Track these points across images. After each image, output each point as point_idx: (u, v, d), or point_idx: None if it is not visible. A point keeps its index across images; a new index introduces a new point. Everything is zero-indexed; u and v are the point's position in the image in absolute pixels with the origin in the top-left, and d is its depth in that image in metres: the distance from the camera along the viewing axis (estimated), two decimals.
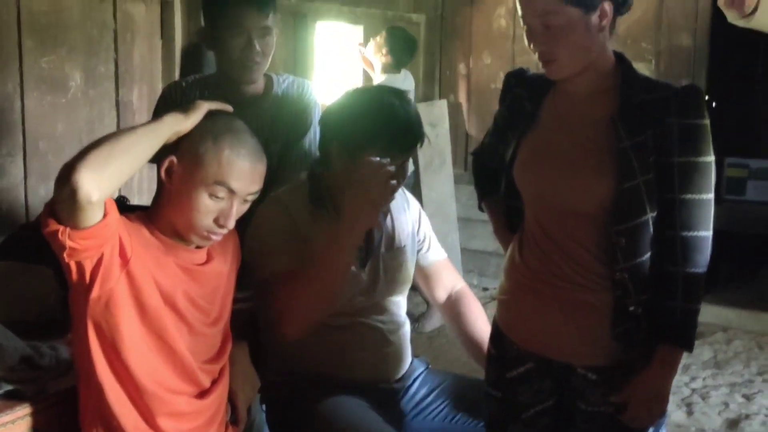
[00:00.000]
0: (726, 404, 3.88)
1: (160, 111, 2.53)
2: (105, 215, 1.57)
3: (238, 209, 1.80)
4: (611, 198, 1.80)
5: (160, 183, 1.78)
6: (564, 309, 1.90)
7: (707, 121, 1.81)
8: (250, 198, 1.82)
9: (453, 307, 2.39)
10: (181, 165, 1.73)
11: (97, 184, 1.51)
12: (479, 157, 2.27)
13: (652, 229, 1.83)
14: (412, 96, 5.02)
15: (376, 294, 2.17)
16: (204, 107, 1.77)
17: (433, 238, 2.38)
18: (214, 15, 2.38)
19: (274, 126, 2.43)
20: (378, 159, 1.91)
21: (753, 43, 5.17)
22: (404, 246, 2.24)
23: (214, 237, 1.80)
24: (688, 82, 4.82)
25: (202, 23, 2.51)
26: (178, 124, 1.72)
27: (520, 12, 1.85)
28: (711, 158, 1.82)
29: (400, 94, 2.12)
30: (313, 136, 2.48)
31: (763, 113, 5.45)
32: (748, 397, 3.95)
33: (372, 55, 4.87)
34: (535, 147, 1.93)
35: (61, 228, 1.53)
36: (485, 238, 5.69)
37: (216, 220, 1.77)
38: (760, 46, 5.29)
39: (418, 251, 2.32)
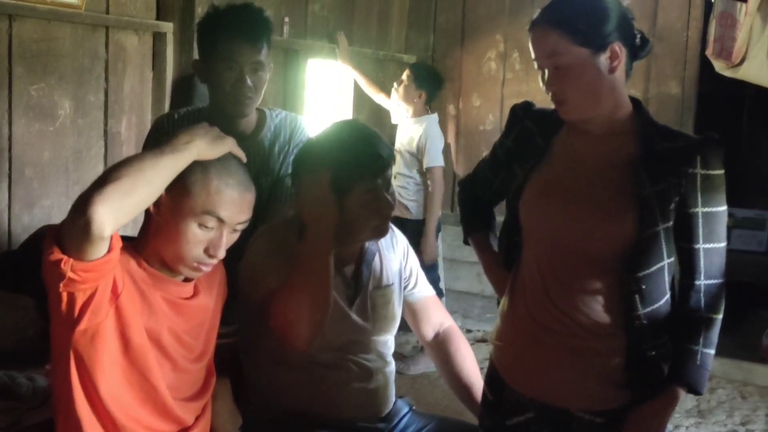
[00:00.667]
0: None
1: (151, 142, 2.52)
2: (110, 249, 1.55)
3: (228, 239, 1.78)
4: (630, 244, 1.80)
5: (147, 214, 1.76)
6: (570, 356, 1.88)
7: (724, 171, 1.84)
8: (239, 227, 1.80)
9: (441, 346, 2.36)
10: (169, 196, 1.71)
11: (113, 219, 1.48)
12: (469, 188, 2.24)
13: (667, 275, 1.84)
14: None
15: (364, 333, 2.14)
16: (228, 146, 1.76)
17: (421, 274, 2.36)
18: (207, 48, 2.39)
19: (266, 160, 2.43)
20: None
21: (740, 93, 5.23)
22: (392, 284, 2.22)
23: (203, 268, 1.77)
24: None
25: (196, 56, 2.51)
26: (202, 155, 1.70)
27: (533, 54, 1.85)
28: (726, 207, 1.86)
29: (348, 128, 2.14)
30: None
31: (749, 163, 5.50)
32: None
33: (402, 102, 4.78)
34: (546, 183, 1.92)
35: (65, 258, 1.50)
36: (470, 280, 5.67)
37: (206, 251, 1.75)
38: (746, 96, 5.35)
39: (405, 287, 2.30)
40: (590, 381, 1.88)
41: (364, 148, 2.03)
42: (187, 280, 1.82)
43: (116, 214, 1.49)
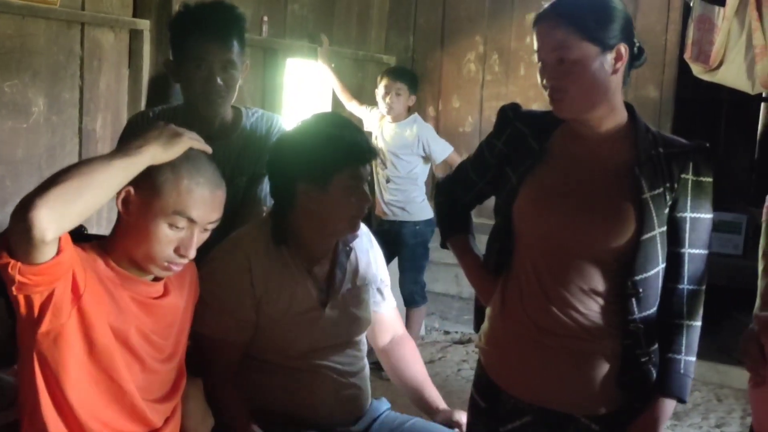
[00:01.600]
0: None
1: (125, 141, 2.49)
2: (59, 251, 1.50)
3: (199, 238, 1.75)
4: (629, 248, 1.81)
5: (119, 213, 1.73)
6: (570, 359, 1.88)
7: (712, 180, 1.87)
8: (210, 227, 1.77)
9: (392, 351, 2.38)
10: (138, 195, 1.67)
11: (55, 224, 1.43)
12: (447, 190, 2.20)
13: (661, 280, 1.86)
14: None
15: (338, 337, 2.12)
16: (186, 144, 1.69)
17: (389, 285, 2.36)
18: (177, 48, 2.35)
19: (241, 159, 2.40)
20: None
21: (717, 97, 5.26)
22: (367, 284, 2.21)
23: (174, 267, 1.75)
24: None
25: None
26: (157, 158, 1.64)
27: (535, 46, 1.84)
28: (712, 215, 1.89)
29: (331, 116, 2.17)
30: None
31: (726, 166, 5.53)
32: None
33: (397, 109, 4.70)
34: (544, 187, 1.90)
35: (12, 262, 1.46)
36: (448, 282, 5.67)
37: (176, 250, 1.72)
38: (723, 100, 5.38)
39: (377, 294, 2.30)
40: (589, 383, 1.88)
41: (350, 135, 2.04)
42: (156, 279, 1.79)
43: (59, 219, 1.44)
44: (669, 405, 1.88)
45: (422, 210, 4.73)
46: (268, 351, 2.07)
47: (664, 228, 1.83)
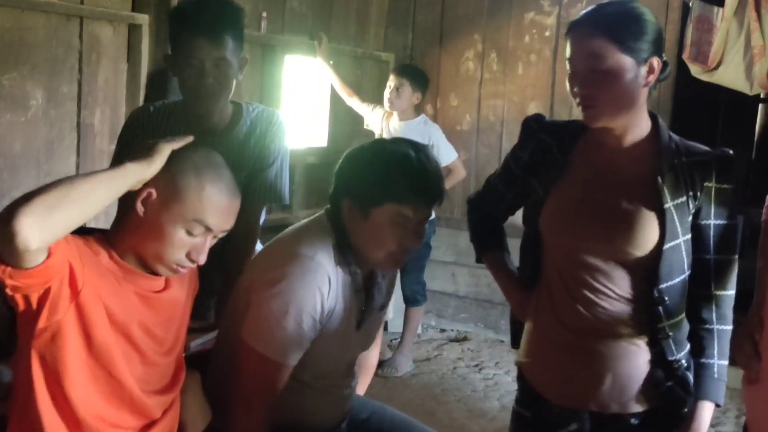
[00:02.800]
0: None
1: (126, 136, 2.49)
2: (49, 255, 1.48)
3: (209, 243, 1.77)
4: (654, 256, 1.83)
5: (125, 208, 1.73)
6: (610, 361, 1.91)
7: (735, 186, 1.89)
8: (222, 234, 1.79)
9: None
10: (159, 197, 1.68)
11: (39, 233, 1.41)
12: (479, 205, 2.22)
13: (686, 288, 1.88)
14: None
15: (354, 355, 2.13)
16: (166, 150, 1.67)
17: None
18: (173, 43, 2.34)
19: (241, 155, 2.39)
20: None
21: (715, 98, 5.27)
22: (387, 304, 2.20)
23: (181, 270, 1.76)
24: None
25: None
26: (142, 173, 1.63)
27: (568, 54, 1.85)
28: (736, 221, 1.91)
29: (418, 145, 1.96)
30: (279, 166, 2.45)
31: None
32: None
33: (400, 108, 4.74)
34: (570, 197, 1.92)
35: (2, 266, 1.45)
36: (444, 279, 5.67)
37: (188, 255, 1.73)
38: (721, 100, 5.39)
39: None
40: (632, 382, 1.91)
41: (418, 173, 1.89)
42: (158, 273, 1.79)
43: (42, 228, 1.41)
44: (708, 409, 1.91)
45: None
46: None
47: (689, 236, 1.85)
